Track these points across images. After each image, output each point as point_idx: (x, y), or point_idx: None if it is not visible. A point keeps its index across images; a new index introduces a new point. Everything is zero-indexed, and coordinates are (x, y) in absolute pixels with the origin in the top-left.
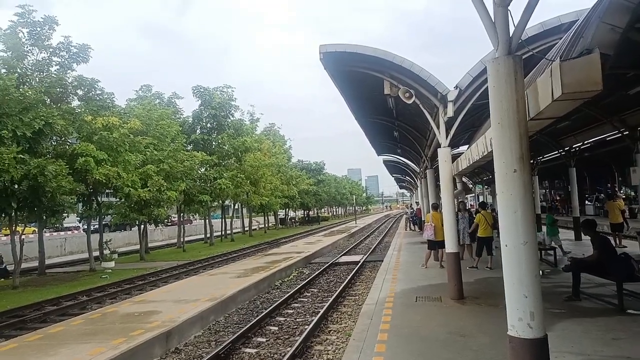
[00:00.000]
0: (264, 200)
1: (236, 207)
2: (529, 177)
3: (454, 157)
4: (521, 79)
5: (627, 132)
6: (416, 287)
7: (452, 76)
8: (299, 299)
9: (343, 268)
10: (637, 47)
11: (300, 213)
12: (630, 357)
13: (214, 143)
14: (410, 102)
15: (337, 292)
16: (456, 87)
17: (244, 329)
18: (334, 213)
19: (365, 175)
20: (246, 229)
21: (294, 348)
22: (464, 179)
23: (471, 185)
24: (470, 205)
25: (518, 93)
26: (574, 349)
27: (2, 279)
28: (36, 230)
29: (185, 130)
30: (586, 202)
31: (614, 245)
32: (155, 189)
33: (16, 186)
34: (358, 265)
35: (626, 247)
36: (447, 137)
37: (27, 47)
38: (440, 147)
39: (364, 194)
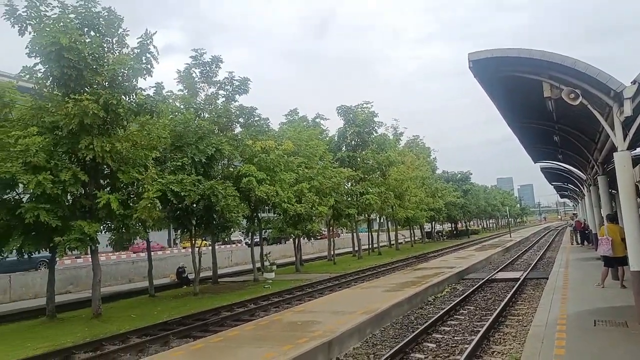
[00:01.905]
0: (409, 214)
1: (381, 220)
2: None
3: (635, 161)
4: None
5: None
6: (592, 309)
7: (620, 70)
8: (454, 316)
9: (501, 285)
10: None
11: (447, 226)
12: None
13: (358, 159)
14: (576, 103)
15: (497, 311)
16: (634, 81)
17: (401, 344)
18: (484, 226)
19: (517, 185)
20: (392, 242)
21: None
22: None
23: None
24: None
25: None
26: None
27: (185, 287)
28: (207, 244)
29: (332, 149)
30: None
31: None
32: (309, 205)
33: (194, 206)
34: (518, 283)
35: None
36: (624, 139)
37: (199, 85)
38: (616, 150)
39: (518, 205)
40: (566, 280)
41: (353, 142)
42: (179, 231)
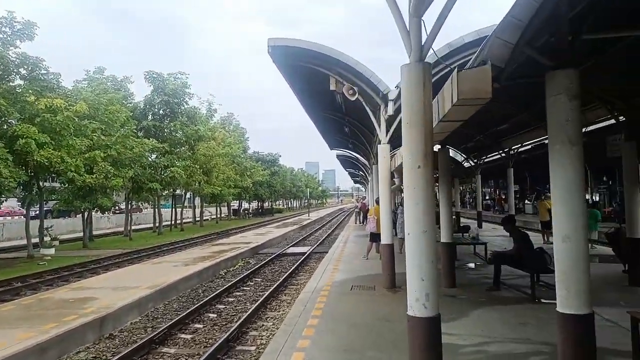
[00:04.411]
0: (216, 190)
1: (188, 196)
2: (431, 173)
3: (394, 155)
4: (429, 83)
5: None
6: (355, 277)
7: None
8: (241, 287)
9: (290, 259)
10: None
11: (254, 205)
12: (530, 339)
13: (166, 130)
14: (353, 99)
15: (279, 282)
16: (397, 86)
17: (181, 315)
18: (289, 205)
19: (322, 169)
20: (197, 219)
21: (228, 333)
22: None
23: None
24: None
25: (426, 96)
26: (484, 332)
27: None
28: None
29: (136, 116)
30: (526, 201)
31: (544, 241)
32: (102, 176)
33: None
34: (304, 256)
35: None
36: (387, 134)
37: None
38: (380, 143)
39: (320, 188)
40: (342, 254)
41: (161, 111)
42: None
